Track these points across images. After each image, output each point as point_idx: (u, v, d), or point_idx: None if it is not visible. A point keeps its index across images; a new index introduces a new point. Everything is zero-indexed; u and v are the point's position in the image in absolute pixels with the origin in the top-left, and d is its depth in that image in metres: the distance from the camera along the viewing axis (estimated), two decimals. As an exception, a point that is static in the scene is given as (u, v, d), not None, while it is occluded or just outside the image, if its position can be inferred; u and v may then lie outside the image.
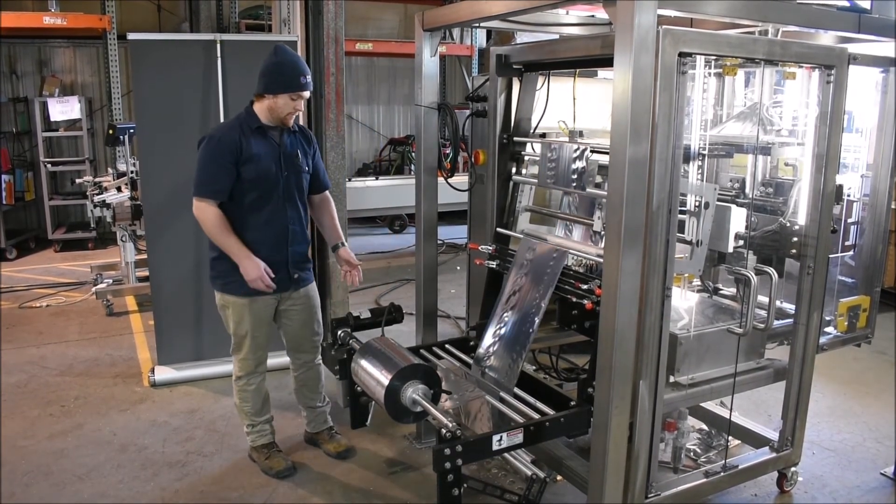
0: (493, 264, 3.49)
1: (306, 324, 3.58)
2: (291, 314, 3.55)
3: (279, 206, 3.34)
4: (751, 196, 3.18)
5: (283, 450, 3.69)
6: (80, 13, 7.97)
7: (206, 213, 3.23)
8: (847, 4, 3.02)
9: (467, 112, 3.85)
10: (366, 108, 11.66)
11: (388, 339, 3.00)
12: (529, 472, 3.03)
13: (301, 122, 3.53)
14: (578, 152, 2.98)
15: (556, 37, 3.68)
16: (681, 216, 2.72)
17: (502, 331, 3.18)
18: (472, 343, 3.46)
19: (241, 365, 3.50)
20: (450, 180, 3.65)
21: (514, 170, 3.56)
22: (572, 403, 2.85)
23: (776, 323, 3.07)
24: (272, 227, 3.34)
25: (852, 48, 2.99)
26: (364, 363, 2.89)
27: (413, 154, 10.13)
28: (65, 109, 8.76)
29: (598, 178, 3.01)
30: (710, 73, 3.03)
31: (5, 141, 8.98)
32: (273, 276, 3.29)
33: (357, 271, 3.58)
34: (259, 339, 3.47)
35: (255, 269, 3.24)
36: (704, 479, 3.05)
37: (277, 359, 4.22)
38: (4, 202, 8.47)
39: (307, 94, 3.29)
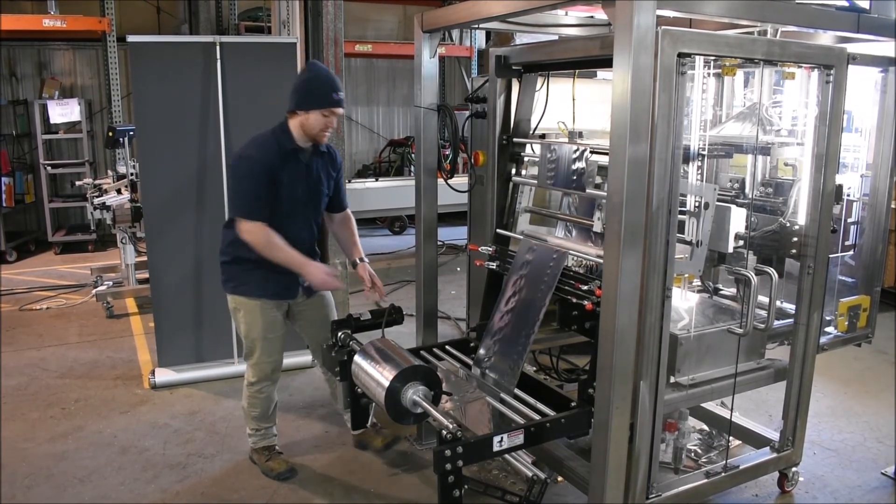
0: (493, 265, 3.49)
1: (323, 323, 3.55)
2: (306, 314, 3.56)
3: (296, 227, 3.35)
4: (751, 196, 3.17)
5: (282, 452, 3.69)
6: (79, 15, 7.97)
7: (261, 233, 3.18)
8: (846, 4, 3.01)
9: (467, 113, 3.85)
10: (365, 109, 11.66)
11: (388, 341, 3.00)
12: (530, 473, 3.02)
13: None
14: (578, 153, 2.98)
15: (556, 38, 3.68)
16: (681, 216, 2.72)
17: (502, 332, 3.18)
18: (472, 344, 3.46)
19: (255, 370, 3.48)
20: (449, 181, 3.64)
21: (513, 171, 3.55)
22: (573, 404, 2.85)
23: (776, 323, 3.07)
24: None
25: (851, 48, 2.98)
26: (364, 364, 2.89)
27: (413, 155, 10.13)
28: (64, 112, 8.76)
29: (598, 179, 3.00)
30: (709, 74, 3.03)
31: (5, 143, 8.98)
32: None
33: (379, 286, 3.56)
34: (273, 343, 3.46)
35: (320, 270, 3.29)
36: (705, 480, 3.05)
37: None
38: (4, 204, 8.46)
39: (340, 110, 3.24)
